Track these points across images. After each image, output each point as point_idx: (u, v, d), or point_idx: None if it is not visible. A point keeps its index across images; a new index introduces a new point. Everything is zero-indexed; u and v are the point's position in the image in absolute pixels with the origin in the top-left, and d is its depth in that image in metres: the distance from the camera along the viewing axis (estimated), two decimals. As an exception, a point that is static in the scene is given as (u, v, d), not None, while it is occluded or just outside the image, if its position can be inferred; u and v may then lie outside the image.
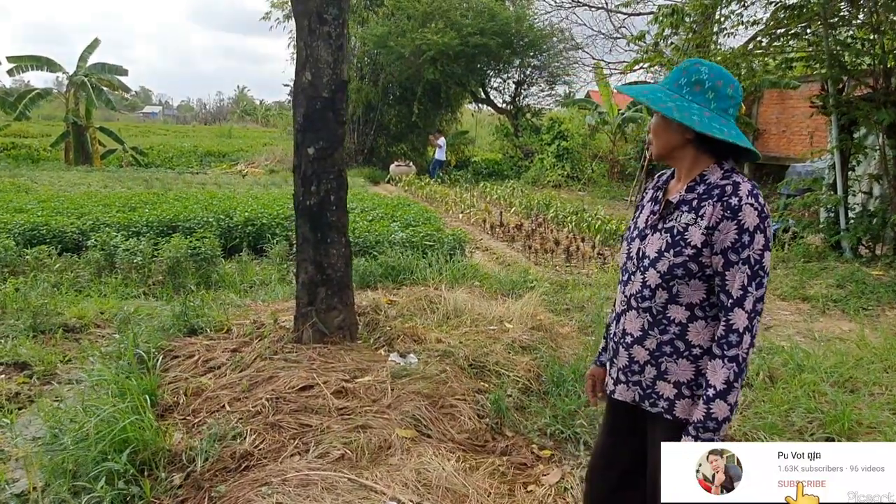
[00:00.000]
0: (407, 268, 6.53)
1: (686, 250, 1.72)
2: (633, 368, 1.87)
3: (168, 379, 3.83)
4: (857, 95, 8.56)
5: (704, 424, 1.69)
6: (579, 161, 19.62)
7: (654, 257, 1.79)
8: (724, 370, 1.68)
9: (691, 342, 1.77)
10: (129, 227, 7.85)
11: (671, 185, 1.89)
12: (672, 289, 1.76)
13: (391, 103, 21.51)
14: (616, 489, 2.10)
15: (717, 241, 1.68)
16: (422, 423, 3.27)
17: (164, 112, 73.37)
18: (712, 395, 1.69)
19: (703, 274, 1.72)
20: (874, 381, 4.25)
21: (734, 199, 1.67)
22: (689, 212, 1.74)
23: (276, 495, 2.52)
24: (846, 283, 7.04)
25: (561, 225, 11.20)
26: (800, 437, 3.50)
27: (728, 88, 1.75)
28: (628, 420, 1.98)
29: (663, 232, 1.79)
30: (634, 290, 1.85)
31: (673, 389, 1.80)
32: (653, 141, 1.85)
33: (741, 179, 1.71)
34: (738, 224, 1.66)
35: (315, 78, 4.01)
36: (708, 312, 1.75)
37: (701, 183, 1.76)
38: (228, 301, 5.56)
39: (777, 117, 16.16)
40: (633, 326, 1.86)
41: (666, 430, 1.82)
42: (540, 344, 4.55)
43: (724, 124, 1.73)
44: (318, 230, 4.15)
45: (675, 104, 1.73)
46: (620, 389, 1.94)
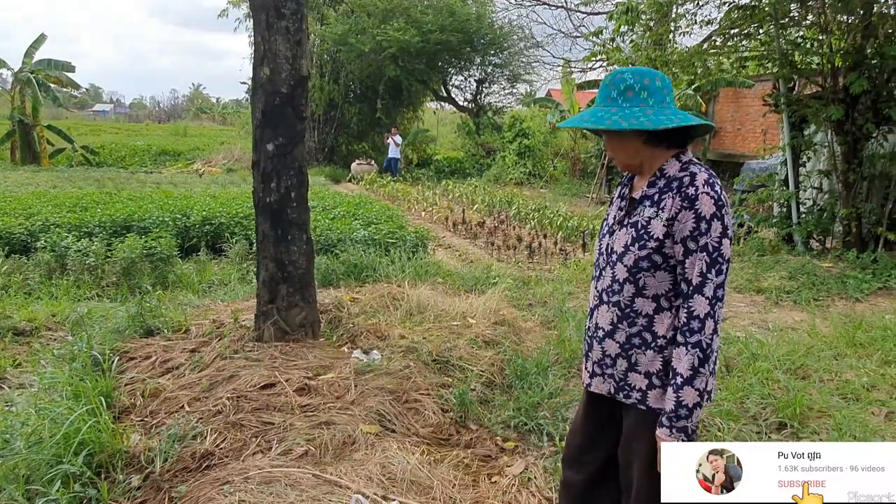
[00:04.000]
0: (369, 265, 6.50)
1: (650, 243, 1.76)
2: (605, 362, 1.91)
3: (124, 381, 3.73)
4: (808, 94, 8.85)
5: (676, 413, 1.72)
6: (541, 159, 19.80)
7: (621, 252, 1.83)
8: (688, 357, 1.71)
9: (657, 333, 1.80)
10: (80, 228, 7.60)
11: (635, 181, 1.93)
12: (639, 282, 1.80)
13: (352, 101, 21.37)
14: (594, 482, 2.13)
15: (677, 230, 1.72)
16: (386, 419, 3.26)
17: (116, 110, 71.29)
18: (680, 382, 1.72)
19: (668, 265, 1.76)
20: (824, 367, 4.41)
21: (691, 189, 1.71)
22: (652, 206, 1.78)
23: (238, 493, 2.48)
24: (798, 276, 7.28)
25: (523, 222, 11.29)
26: (754, 423, 3.61)
27: (656, 81, 1.78)
28: (606, 412, 2.01)
29: (629, 227, 1.84)
30: (605, 284, 1.89)
31: (644, 380, 1.83)
32: (614, 158, 1.90)
33: (698, 170, 1.75)
34: (695, 213, 1.70)
35: (274, 73, 3.96)
36: (673, 303, 1.79)
37: (661, 177, 1.80)
38: (186, 301, 5.44)
39: (732, 116, 16.59)
40: (604, 320, 1.90)
41: (641, 421, 1.85)
42: (503, 338, 4.58)
43: (668, 114, 1.76)
44: (278, 227, 4.10)
45: (619, 116, 1.76)
46: (596, 382, 1.97)
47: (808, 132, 9.06)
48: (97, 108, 68.37)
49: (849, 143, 8.09)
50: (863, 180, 8.12)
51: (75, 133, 24.72)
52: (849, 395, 4.01)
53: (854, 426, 3.45)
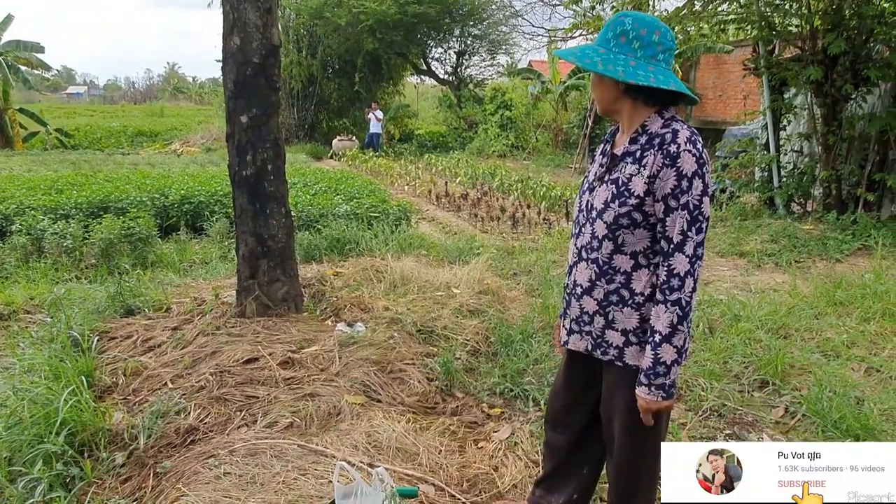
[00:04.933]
0: (352, 240, 6.46)
1: (630, 200, 1.74)
2: (583, 319, 1.90)
3: (105, 360, 3.68)
4: (787, 57, 8.83)
5: (654, 370, 1.72)
6: (523, 130, 19.71)
7: (601, 208, 1.81)
8: (667, 314, 1.70)
9: (635, 290, 1.79)
10: (56, 210, 7.45)
11: (617, 137, 1.90)
12: (618, 238, 1.78)
13: (331, 77, 21.02)
14: (576, 440, 2.14)
15: (658, 188, 1.70)
16: (371, 389, 3.25)
17: (90, 92, 69.68)
18: (658, 340, 1.72)
19: (647, 223, 1.74)
20: (805, 326, 4.46)
21: (673, 147, 1.68)
22: (633, 163, 1.75)
23: (223, 466, 2.46)
24: (779, 238, 7.33)
25: (506, 193, 11.26)
26: (737, 382, 3.65)
27: (653, 35, 1.74)
28: (585, 371, 2.01)
29: (609, 183, 1.81)
30: (584, 241, 1.87)
31: (621, 337, 1.82)
32: (595, 100, 1.88)
33: (680, 127, 1.72)
34: (676, 170, 1.67)
35: (244, 43, 3.86)
36: (651, 260, 1.78)
37: (643, 134, 1.77)
38: (167, 281, 5.37)
39: (714, 82, 16.57)
40: (582, 277, 1.88)
41: (619, 377, 1.85)
42: (488, 307, 4.58)
43: (651, 71, 1.72)
44: (256, 201, 4.03)
45: (600, 58, 1.73)
46: (574, 339, 1.96)
47: (789, 95, 9.06)
48: (70, 91, 66.75)
49: (828, 105, 8.10)
50: (842, 142, 8.16)
51: (49, 116, 24.14)
52: (829, 352, 4.06)
53: (834, 382, 3.50)
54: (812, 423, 3.16)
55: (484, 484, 2.56)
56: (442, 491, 2.44)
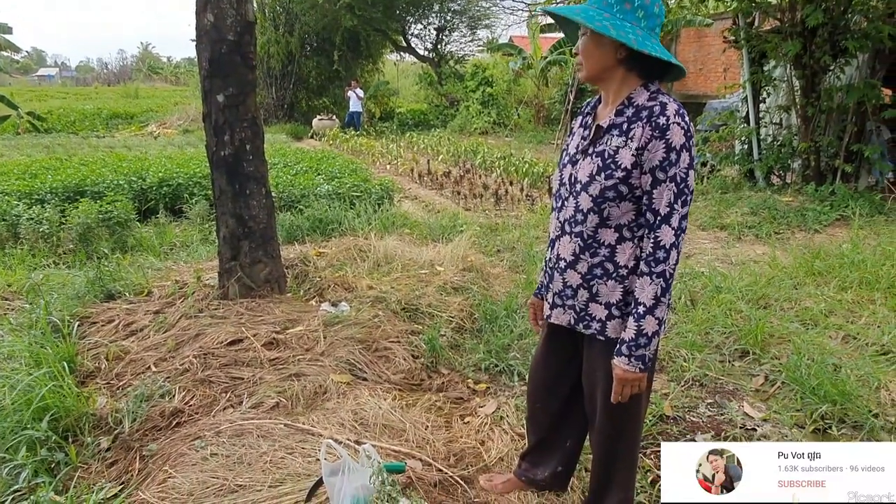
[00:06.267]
0: (335, 219, 6.42)
1: (617, 173, 1.72)
2: (566, 293, 1.90)
3: (87, 345, 3.65)
4: (767, 29, 8.84)
5: (636, 342, 1.72)
6: (505, 107, 19.60)
7: (586, 181, 1.78)
8: (652, 286, 1.71)
9: (619, 263, 1.79)
10: (31, 195, 7.30)
11: (599, 109, 1.87)
12: (603, 212, 1.76)
13: (309, 55, 20.68)
14: (559, 414, 2.16)
15: (646, 160, 1.69)
16: (357, 368, 3.26)
17: (62, 74, 67.95)
18: (642, 311, 1.72)
19: (633, 195, 1.73)
20: (784, 296, 4.53)
21: (662, 119, 1.67)
22: (620, 135, 1.73)
23: (210, 447, 2.46)
24: (759, 211, 7.41)
25: (489, 170, 11.23)
26: (718, 352, 3.70)
27: (654, 7, 1.74)
28: (568, 345, 2.02)
29: (594, 156, 1.79)
30: (568, 215, 1.85)
31: (604, 310, 1.83)
32: (583, 63, 1.80)
33: (668, 99, 1.71)
34: (665, 143, 1.66)
35: (218, 19, 3.77)
36: (635, 233, 1.77)
37: (629, 106, 1.75)
38: (148, 264, 5.31)
39: (695, 56, 16.55)
40: (566, 251, 1.87)
41: (601, 350, 1.86)
42: (472, 284, 4.59)
43: (654, 43, 1.72)
44: (235, 182, 3.98)
45: (609, 23, 1.69)
46: (557, 313, 1.96)
47: (768, 68, 9.09)
48: (42, 73, 65.13)
49: (807, 77, 8.15)
50: (821, 114, 8.22)
51: (20, 99, 23.43)
52: (808, 321, 4.13)
53: (812, 350, 3.57)
54: (791, 391, 3.22)
55: (470, 458, 2.58)
56: (429, 466, 2.46)
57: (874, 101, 7.74)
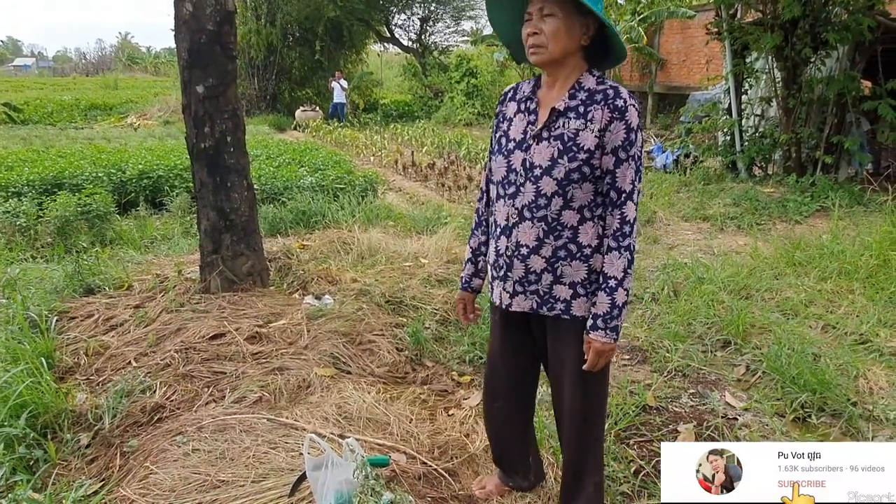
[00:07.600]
0: (318, 212, 6.38)
1: (580, 154, 1.76)
2: (529, 279, 1.89)
3: (66, 341, 3.58)
4: (749, 21, 8.89)
5: (611, 314, 1.79)
6: (489, 98, 19.55)
7: (548, 165, 1.79)
8: (621, 260, 1.78)
9: (582, 243, 1.82)
10: (7, 188, 7.17)
11: (542, 94, 1.87)
12: (567, 194, 1.79)
13: (291, 45, 20.49)
14: (521, 408, 2.22)
15: (609, 141, 1.75)
16: (340, 361, 3.24)
17: (39, 64, 66.65)
18: (614, 285, 1.79)
19: (594, 176, 1.78)
20: (766, 287, 4.57)
21: (619, 101, 1.74)
22: (578, 118, 1.77)
23: (192, 443, 2.43)
24: (741, 202, 7.48)
25: (473, 162, 11.21)
26: (700, 342, 3.73)
27: None
28: (526, 336, 2.05)
29: (552, 140, 1.80)
30: (527, 200, 1.83)
31: (569, 290, 1.86)
32: (547, 45, 1.76)
33: (616, 84, 1.79)
34: (626, 124, 1.74)
35: (197, 9, 3.71)
36: (595, 213, 1.82)
37: (581, 90, 1.79)
38: (128, 258, 5.24)
39: (678, 47, 16.62)
40: (527, 237, 1.85)
41: (567, 328, 1.89)
42: (456, 276, 4.57)
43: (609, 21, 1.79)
44: (216, 174, 3.93)
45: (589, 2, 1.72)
46: (518, 301, 1.93)
47: (750, 59, 9.15)
48: (18, 63, 63.88)
49: (788, 69, 8.21)
50: (802, 105, 8.30)
51: (-5, 90, 23.11)
52: (788, 311, 4.18)
53: (793, 339, 3.60)
54: (772, 380, 3.26)
55: (455, 450, 2.58)
56: (413, 459, 2.45)
57: (854, 93, 7.82)
